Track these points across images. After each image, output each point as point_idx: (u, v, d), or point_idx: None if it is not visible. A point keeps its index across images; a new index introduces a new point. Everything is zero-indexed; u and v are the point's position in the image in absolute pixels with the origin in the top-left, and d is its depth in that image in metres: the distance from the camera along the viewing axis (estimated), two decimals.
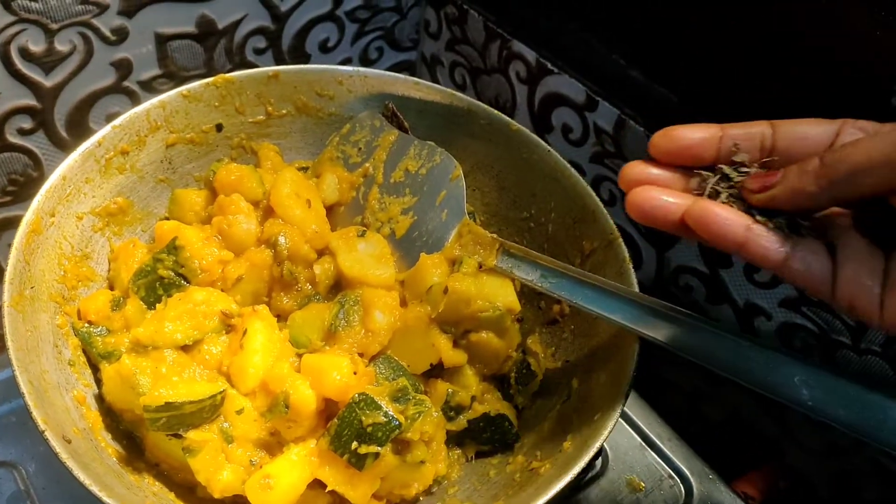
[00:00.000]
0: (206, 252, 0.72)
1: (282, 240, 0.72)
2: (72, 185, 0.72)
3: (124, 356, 0.66)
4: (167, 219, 0.79)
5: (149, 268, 0.72)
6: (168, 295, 0.70)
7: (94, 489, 0.55)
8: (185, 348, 0.67)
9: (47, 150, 0.92)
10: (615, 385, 0.67)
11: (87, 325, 0.70)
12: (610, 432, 0.62)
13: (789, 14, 0.73)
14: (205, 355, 0.67)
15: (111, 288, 0.75)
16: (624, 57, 0.90)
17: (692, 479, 0.80)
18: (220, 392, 0.64)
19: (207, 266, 0.71)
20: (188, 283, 0.72)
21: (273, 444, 0.65)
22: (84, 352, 0.69)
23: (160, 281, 0.71)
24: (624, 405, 0.64)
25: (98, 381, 0.69)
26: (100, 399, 0.68)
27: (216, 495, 0.63)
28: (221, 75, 0.81)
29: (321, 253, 0.76)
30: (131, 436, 0.68)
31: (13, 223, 0.95)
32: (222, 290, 0.72)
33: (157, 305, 0.70)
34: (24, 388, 0.58)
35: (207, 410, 0.63)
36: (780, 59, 0.75)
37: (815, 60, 0.72)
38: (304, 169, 0.84)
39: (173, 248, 0.72)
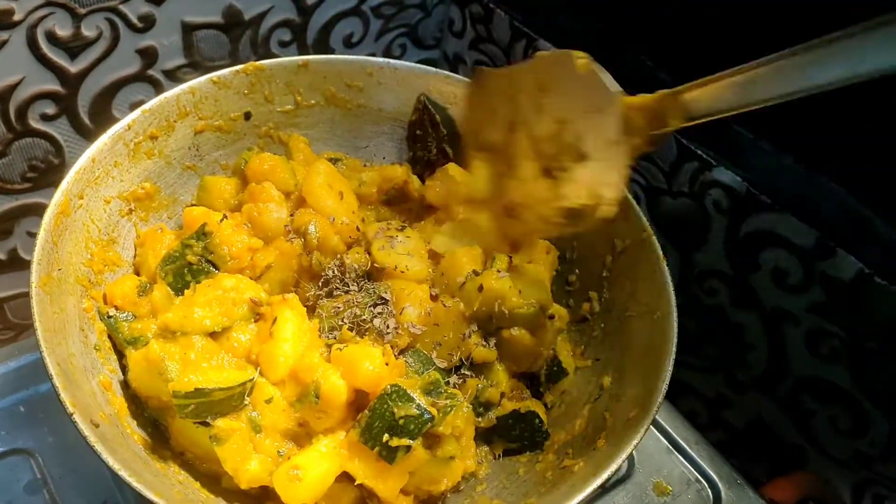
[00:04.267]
0: (236, 239, 0.71)
1: (312, 229, 0.71)
2: (101, 167, 0.71)
3: (152, 341, 0.64)
4: (195, 205, 0.78)
5: (177, 253, 0.70)
6: (196, 281, 0.69)
7: (124, 474, 0.53)
8: (213, 335, 0.66)
9: (69, 136, 0.91)
10: (649, 383, 0.66)
11: (113, 310, 0.69)
12: (647, 430, 0.61)
13: (817, 16, 0.72)
14: (233, 343, 0.66)
15: (137, 273, 0.74)
16: (651, 58, 0.89)
17: (720, 484, 0.78)
18: (251, 379, 0.63)
19: (237, 253, 0.70)
20: (217, 269, 0.71)
21: (302, 435, 0.64)
22: (109, 337, 0.68)
23: (188, 267, 0.70)
24: (661, 403, 0.63)
25: (123, 368, 0.67)
26: (125, 385, 0.67)
27: (243, 486, 0.61)
28: (252, 63, 0.80)
29: (350, 245, 0.75)
30: (157, 423, 0.66)
31: (32, 210, 0.94)
32: (251, 279, 0.71)
33: (186, 291, 0.68)
34: (52, 369, 0.57)
35: (237, 398, 0.62)
36: None
37: None
38: (335, 160, 0.83)
39: (202, 234, 0.71)
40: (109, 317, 0.68)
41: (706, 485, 0.79)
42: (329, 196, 0.74)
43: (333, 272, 0.72)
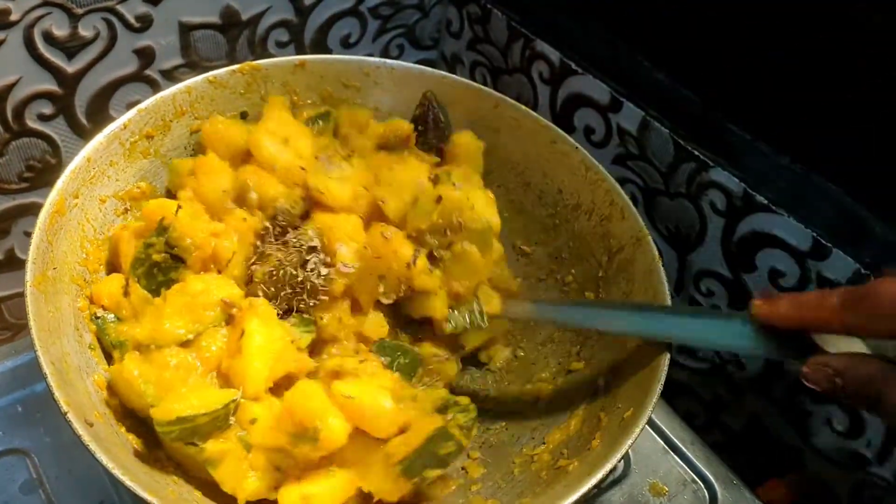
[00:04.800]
0: (196, 227, 0.68)
1: (249, 184, 0.68)
2: (96, 167, 0.71)
3: (126, 358, 0.63)
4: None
5: (142, 255, 0.68)
6: (166, 277, 0.67)
7: (118, 473, 0.53)
8: (186, 344, 0.64)
9: (67, 136, 0.91)
10: (644, 383, 0.66)
11: (101, 310, 0.68)
12: (641, 430, 0.61)
13: (816, 17, 0.72)
14: (204, 353, 0.64)
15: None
16: (649, 59, 0.89)
17: (716, 485, 0.78)
18: (233, 400, 0.62)
19: (200, 242, 0.67)
20: (183, 262, 0.68)
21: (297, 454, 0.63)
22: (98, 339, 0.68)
23: (157, 266, 0.68)
24: (656, 402, 0.63)
25: None
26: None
27: (241, 503, 0.61)
28: (248, 62, 0.80)
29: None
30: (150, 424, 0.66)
31: (29, 210, 0.94)
32: (219, 272, 0.69)
33: (156, 300, 0.67)
34: (46, 369, 0.57)
35: (221, 419, 0.61)
36: (806, 62, 0.75)
37: (839, 63, 0.72)
38: (321, 116, 0.81)
39: (162, 228, 0.68)
40: (97, 317, 0.67)
41: (702, 485, 0.79)
42: (272, 142, 0.70)
43: (268, 226, 0.70)
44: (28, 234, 0.95)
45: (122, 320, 0.68)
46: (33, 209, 0.94)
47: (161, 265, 0.68)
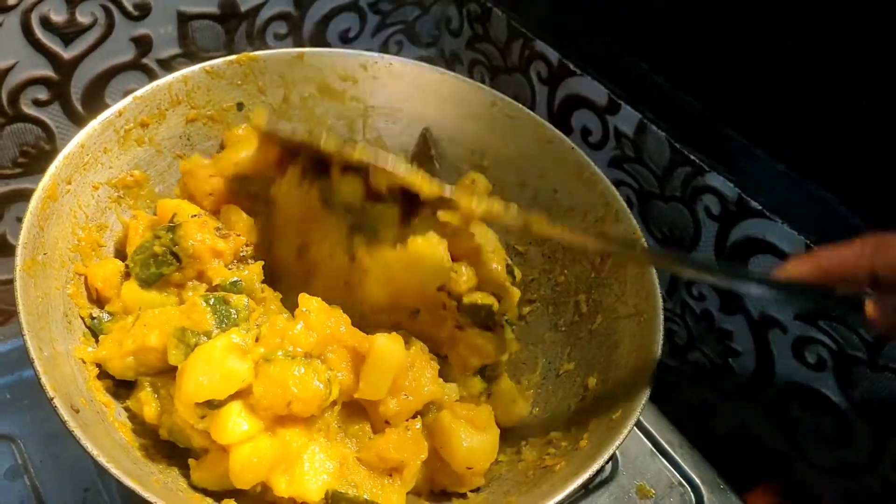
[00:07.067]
0: (203, 236, 0.68)
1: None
2: (90, 153, 0.71)
3: (144, 397, 0.64)
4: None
5: (148, 243, 0.68)
6: (158, 270, 0.67)
7: (102, 460, 0.53)
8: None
9: (61, 123, 0.91)
10: (634, 385, 0.66)
11: (96, 310, 0.68)
12: (630, 431, 0.61)
13: (815, 24, 0.73)
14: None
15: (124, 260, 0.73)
16: (647, 62, 0.89)
17: (703, 489, 0.78)
18: None
19: (199, 252, 0.67)
20: (179, 262, 0.68)
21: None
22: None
23: (154, 258, 0.68)
24: (644, 404, 0.63)
25: None
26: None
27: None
28: (246, 53, 0.80)
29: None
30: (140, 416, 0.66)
31: (23, 195, 0.93)
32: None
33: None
34: (33, 353, 0.57)
35: None
36: (804, 69, 0.75)
37: (837, 70, 0.72)
38: None
39: (172, 224, 0.68)
40: (93, 318, 0.67)
41: (689, 489, 0.79)
42: None
43: None
44: (20, 220, 0.93)
45: (113, 317, 0.68)
46: (27, 195, 0.92)
47: (158, 257, 0.68)
